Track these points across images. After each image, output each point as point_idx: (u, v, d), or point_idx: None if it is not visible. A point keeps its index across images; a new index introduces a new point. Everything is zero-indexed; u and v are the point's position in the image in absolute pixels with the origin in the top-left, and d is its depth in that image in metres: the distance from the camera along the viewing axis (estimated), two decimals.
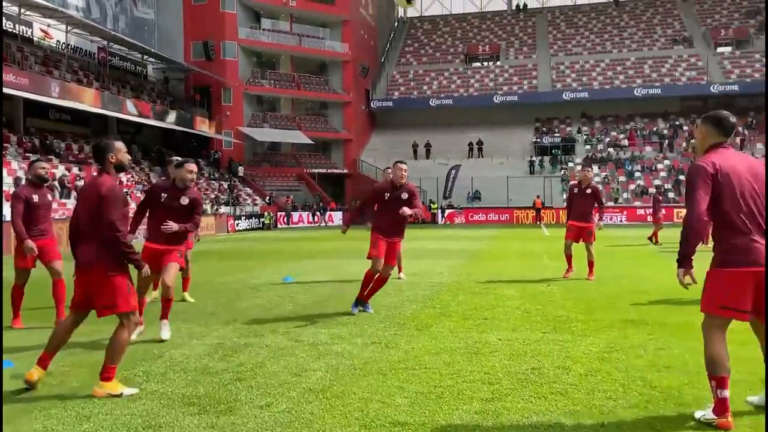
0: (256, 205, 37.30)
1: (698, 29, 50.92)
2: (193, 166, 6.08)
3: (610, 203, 38.11)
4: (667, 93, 45.42)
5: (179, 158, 7.82)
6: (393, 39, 58.19)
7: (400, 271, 10.43)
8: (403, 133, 47.71)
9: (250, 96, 42.82)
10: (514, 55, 53.18)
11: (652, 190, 38.40)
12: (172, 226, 5.80)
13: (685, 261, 3.64)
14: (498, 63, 52.73)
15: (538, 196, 37.65)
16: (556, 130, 47.48)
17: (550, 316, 6.69)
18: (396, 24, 60.50)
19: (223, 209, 31.27)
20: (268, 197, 38.27)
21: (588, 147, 45.12)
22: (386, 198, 6.94)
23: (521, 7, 58.84)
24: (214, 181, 37.40)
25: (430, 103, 48.30)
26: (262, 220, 34.27)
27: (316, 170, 44.35)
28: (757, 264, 3.52)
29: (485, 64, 53.52)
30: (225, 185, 37.19)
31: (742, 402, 3.81)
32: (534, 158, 43.62)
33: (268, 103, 45.48)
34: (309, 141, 43.16)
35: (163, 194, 5.94)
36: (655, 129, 45.72)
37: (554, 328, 6.10)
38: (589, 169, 10.94)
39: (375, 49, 52.91)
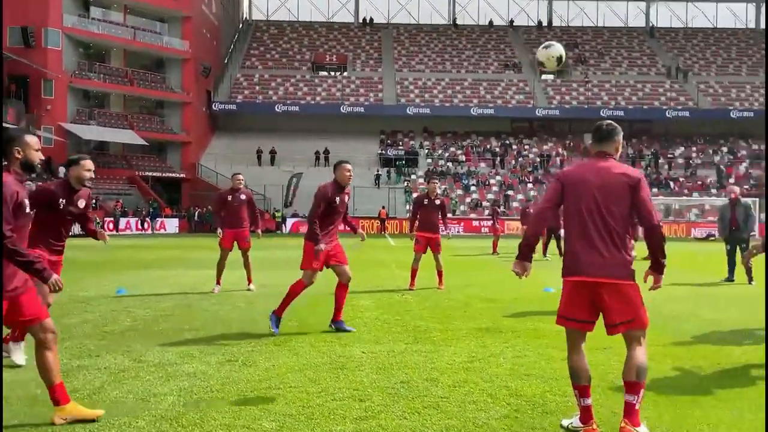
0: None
1: (526, 57, 55.58)
2: (90, 163, 5.22)
3: (449, 215, 40.10)
4: (499, 114, 48.91)
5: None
6: (237, 41, 56.65)
7: (249, 282, 9.93)
8: (247, 138, 46.44)
9: (75, 90, 39.16)
10: (361, 67, 54.22)
11: (486, 203, 41.11)
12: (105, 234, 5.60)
13: (519, 252, 3.80)
14: (345, 73, 53.38)
15: (383, 207, 38.54)
16: (400, 143, 49.07)
17: (410, 327, 6.66)
18: (240, 26, 59.00)
19: None
20: (94, 201, 35.08)
21: (429, 161, 47.16)
22: (336, 203, 6.43)
23: (367, 21, 60.25)
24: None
25: (276, 108, 47.55)
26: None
27: (150, 173, 41.63)
28: (583, 274, 3.53)
29: (332, 73, 53.93)
30: None
31: (601, 408, 3.95)
32: (380, 170, 44.57)
33: (97, 99, 41.94)
34: (142, 142, 40.45)
35: (61, 200, 5.04)
36: (488, 146, 49.02)
37: (416, 338, 6.06)
38: (437, 181, 11.11)
39: (218, 49, 51.08)
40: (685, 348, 5.78)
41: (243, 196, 9.77)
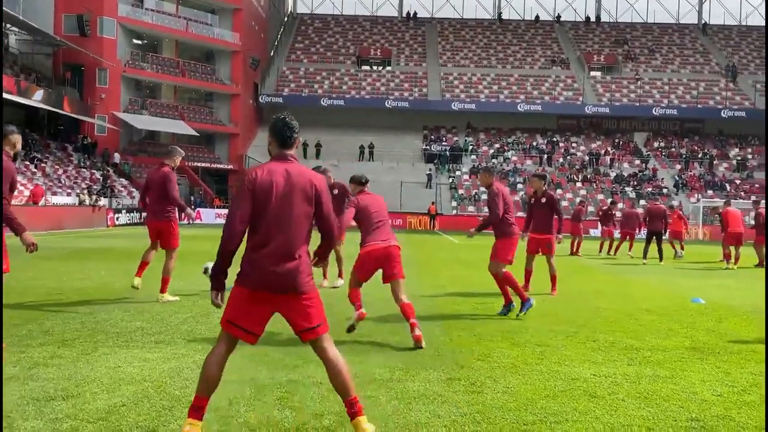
0: (133, 197, 33.97)
1: (573, 53, 54.36)
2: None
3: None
4: (546, 110, 47.82)
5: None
6: (283, 34, 56.34)
7: (325, 277, 9.54)
8: None
9: (128, 79, 39.15)
10: (405, 61, 53.52)
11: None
12: None
13: None
14: (389, 68, 52.76)
15: (432, 203, 37.87)
16: (444, 138, 48.32)
17: (603, 342, 5.98)
18: (286, 19, 58.69)
19: (103, 201, 28.01)
20: None
21: (474, 157, 46.33)
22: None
23: (411, 15, 59.47)
24: (84, 169, 33.59)
25: (321, 102, 47.14)
26: (144, 214, 31.20)
27: (199, 164, 41.50)
28: None
29: (376, 68, 53.34)
30: (97, 174, 33.54)
31: None
32: (431, 168, 43.71)
33: (148, 89, 41.92)
34: (193, 132, 40.31)
35: None
36: (534, 144, 48.01)
37: (629, 358, 5.34)
38: (536, 178, 9.67)
39: (265, 42, 50.83)
40: None
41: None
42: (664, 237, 16.59)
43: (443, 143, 47.42)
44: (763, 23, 58.50)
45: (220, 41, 42.65)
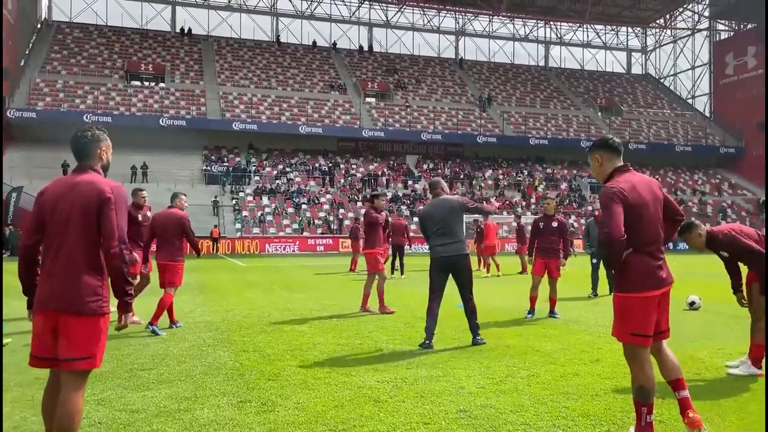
0: None
1: (350, 79, 57.16)
2: None
3: (282, 233, 39.73)
4: (327, 133, 49.48)
5: None
6: (35, 42, 50.57)
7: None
8: (50, 150, 41.32)
9: None
10: (180, 78, 51.46)
11: (318, 222, 41.33)
12: None
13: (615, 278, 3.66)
14: (162, 84, 50.24)
15: (215, 226, 36.78)
16: (225, 159, 47.36)
17: (384, 352, 6.42)
18: (39, 26, 52.80)
19: None
20: None
21: (258, 178, 46.11)
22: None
23: (185, 31, 57.51)
24: None
25: (85, 118, 43.04)
26: None
27: None
28: (663, 285, 3.60)
29: (148, 83, 50.47)
30: None
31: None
32: (217, 192, 42.40)
33: None
34: None
35: None
36: (317, 165, 49.33)
37: (408, 363, 5.85)
38: (553, 199, 10.02)
39: (12, 50, 45.06)
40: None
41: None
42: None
43: (225, 164, 46.44)
44: (508, 61, 67.53)
45: None
